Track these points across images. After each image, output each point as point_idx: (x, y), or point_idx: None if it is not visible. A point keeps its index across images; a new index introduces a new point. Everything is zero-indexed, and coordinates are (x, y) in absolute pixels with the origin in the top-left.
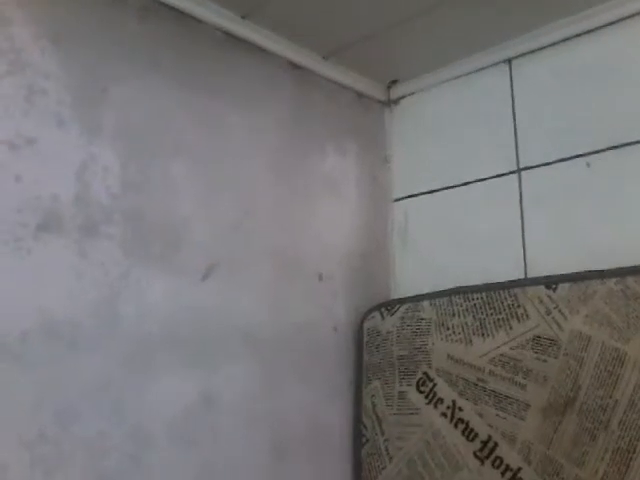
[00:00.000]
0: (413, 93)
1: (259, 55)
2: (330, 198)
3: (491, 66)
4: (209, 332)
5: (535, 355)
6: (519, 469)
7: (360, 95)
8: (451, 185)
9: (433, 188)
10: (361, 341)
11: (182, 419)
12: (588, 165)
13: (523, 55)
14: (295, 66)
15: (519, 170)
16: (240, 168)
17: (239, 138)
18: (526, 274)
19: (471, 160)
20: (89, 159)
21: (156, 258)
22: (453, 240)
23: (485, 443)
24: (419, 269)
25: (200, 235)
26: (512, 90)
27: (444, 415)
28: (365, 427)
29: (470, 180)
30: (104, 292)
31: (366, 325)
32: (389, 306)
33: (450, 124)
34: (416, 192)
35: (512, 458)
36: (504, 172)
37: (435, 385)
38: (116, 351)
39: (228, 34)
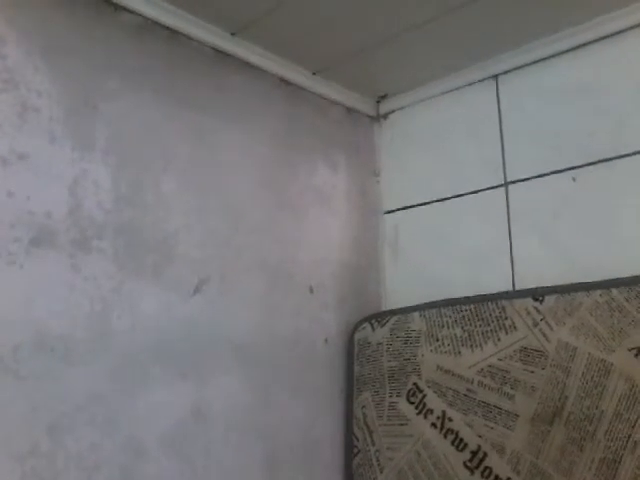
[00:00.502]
0: (402, 108)
1: (249, 71)
2: (320, 211)
3: (478, 82)
4: (200, 345)
5: (523, 366)
6: (508, 479)
7: (350, 110)
8: (440, 198)
9: (422, 201)
10: (352, 352)
11: (174, 432)
12: (574, 179)
13: (509, 71)
14: (286, 82)
15: (506, 184)
16: (231, 183)
17: (230, 153)
18: (514, 286)
19: (459, 174)
20: (81, 174)
21: (148, 272)
22: (442, 252)
23: (475, 453)
24: (409, 281)
25: (191, 249)
26: (499, 105)
27: (434, 425)
28: (356, 438)
29: (458, 193)
30: (97, 306)
31: (357, 336)
32: (379, 317)
33: (438, 138)
34: (406, 205)
35: (501, 468)
36: (492, 185)
37: (425, 396)
38: (108, 364)
39: (218, 51)
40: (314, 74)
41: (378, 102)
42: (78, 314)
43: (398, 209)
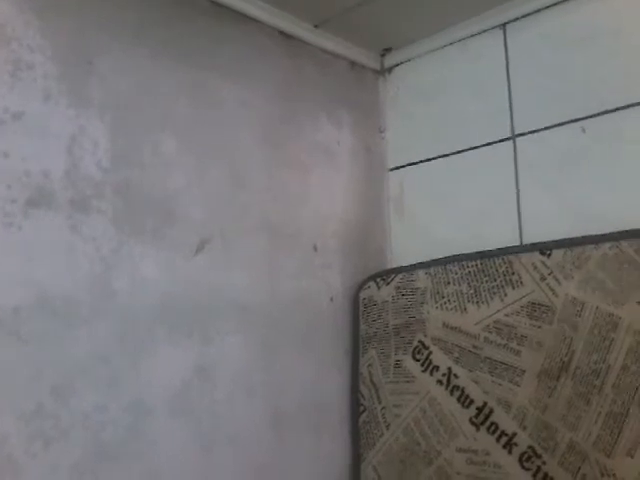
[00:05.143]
0: (407, 61)
1: (248, 24)
2: (324, 169)
3: (485, 31)
4: (204, 305)
5: (530, 321)
6: (514, 434)
7: (353, 64)
8: (446, 153)
9: (428, 157)
10: (357, 311)
11: (180, 391)
12: (583, 130)
13: (517, 19)
14: (286, 36)
15: (514, 136)
16: (232, 140)
17: (230, 109)
18: (521, 241)
19: (466, 127)
20: (78, 133)
21: (148, 232)
22: (448, 208)
23: (480, 409)
24: (415, 238)
25: (192, 208)
26: (506, 55)
27: (440, 382)
28: (362, 396)
29: (465, 148)
30: (97, 267)
31: (362, 295)
32: (385, 276)
33: (444, 91)
34: (411, 161)
35: (507, 424)
36: (499, 139)
37: (431, 353)
38: (111, 325)
39: (215, 3)
40: (316, 27)
41: (382, 55)
42: (78, 275)
43: (403, 165)
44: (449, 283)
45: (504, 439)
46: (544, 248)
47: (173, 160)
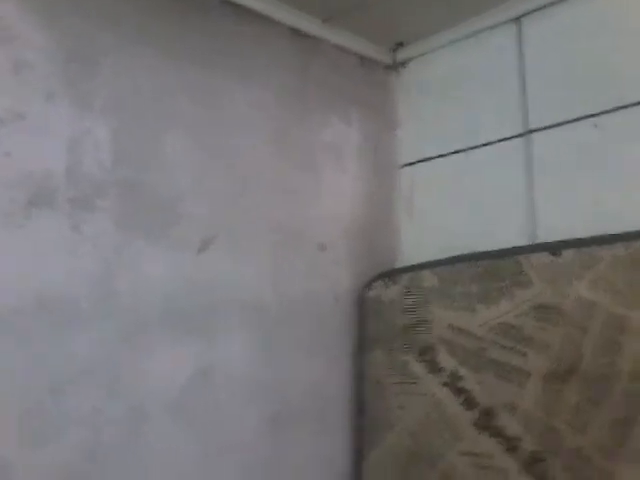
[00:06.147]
0: (419, 56)
1: (256, 21)
2: (333, 167)
3: (499, 25)
4: (207, 305)
5: (537, 323)
6: (518, 438)
7: (364, 60)
8: (458, 149)
9: (440, 153)
10: (363, 310)
11: (181, 393)
12: (595, 126)
13: (532, 13)
14: (295, 32)
15: (528, 132)
16: (238, 138)
17: (237, 108)
18: (533, 239)
19: (478, 123)
20: (80, 132)
21: (152, 231)
22: (460, 206)
23: (485, 412)
24: (425, 236)
25: (197, 207)
26: (520, 50)
27: (445, 384)
28: (367, 396)
29: (477, 144)
30: (99, 267)
31: (369, 295)
32: (392, 275)
33: (457, 87)
34: (423, 157)
35: (512, 427)
36: (512, 135)
37: (437, 354)
38: (113, 326)
39: (222, 1)
40: (325, 22)
41: (394, 51)
42: (80, 275)
43: (414, 162)
44: (457, 283)
45: (508, 443)
46: (554, 248)
47: (178, 159)
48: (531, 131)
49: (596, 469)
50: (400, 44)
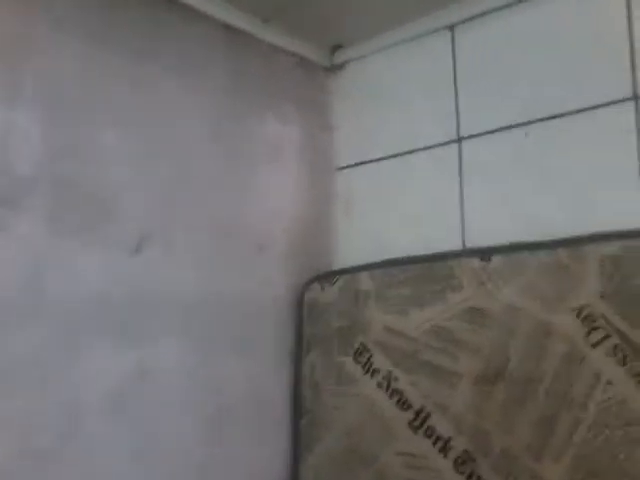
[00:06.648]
0: (357, 59)
1: (192, 17)
2: (271, 166)
3: (434, 32)
4: (142, 305)
5: (468, 326)
6: (450, 438)
7: (302, 60)
8: (394, 154)
9: (377, 156)
10: (301, 312)
11: (115, 395)
12: (526, 134)
13: (465, 21)
14: (231, 30)
15: (460, 139)
16: (176, 134)
17: (174, 102)
18: (464, 245)
19: (414, 128)
20: (8, 126)
21: (85, 230)
22: (396, 210)
23: (418, 413)
24: (362, 239)
25: (132, 204)
26: (454, 57)
27: (380, 385)
28: (304, 398)
29: (412, 149)
30: (28, 268)
31: (306, 296)
32: (329, 277)
33: (394, 91)
34: (360, 161)
35: (444, 428)
36: (447, 140)
37: (372, 356)
38: (44, 326)
39: None
40: (264, 22)
41: (332, 52)
42: (9, 275)
43: (351, 165)
44: (392, 286)
45: (440, 443)
46: (484, 253)
47: (113, 154)
48: (462, 138)
49: (523, 468)
50: (339, 46)
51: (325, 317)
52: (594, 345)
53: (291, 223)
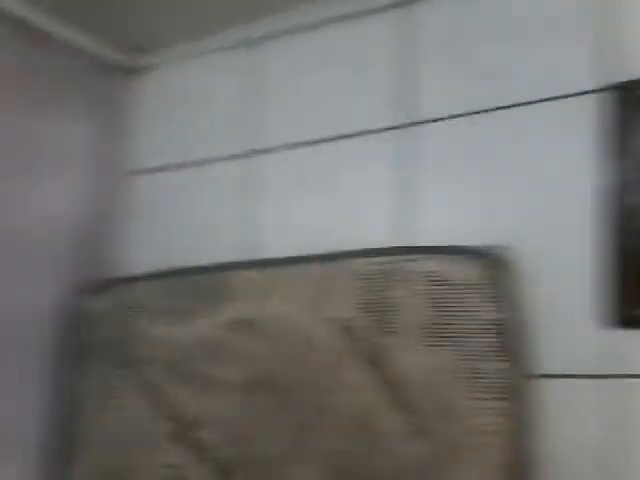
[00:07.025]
0: (158, 65)
1: None
2: (55, 169)
3: (235, 46)
4: None
5: (237, 337)
6: (216, 448)
7: (100, 62)
8: (192, 162)
9: (175, 164)
10: (73, 322)
11: None
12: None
13: (268, 38)
14: (22, 24)
15: (255, 153)
16: None
17: None
18: (246, 256)
19: (214, 138)
20: None
21: None
22: (187, 219)
23: (184, 424)
24: (152, 248)
25: None
26: (256, 72)
27: (146, 397)
28: (66, 414)
29: (210, 158)
30: None
31: (81, 306)
32: (105, 287)
33: (191, 100)
34: (157, 166)
35: (211, 438)
36: (240, 153)
37: (141, 368)
38: None
39: None
40: (61, 19)
41: (134, 56)
42: None
43: (148, 170)
44: (166, 297)
45: (204, 453)
46: (259, 265)
47: None
48: (257, 152)
49: (281, 475)
50: (140, 50)
51: (98, 327)
52: (349, 355)
53: (71, 229)
